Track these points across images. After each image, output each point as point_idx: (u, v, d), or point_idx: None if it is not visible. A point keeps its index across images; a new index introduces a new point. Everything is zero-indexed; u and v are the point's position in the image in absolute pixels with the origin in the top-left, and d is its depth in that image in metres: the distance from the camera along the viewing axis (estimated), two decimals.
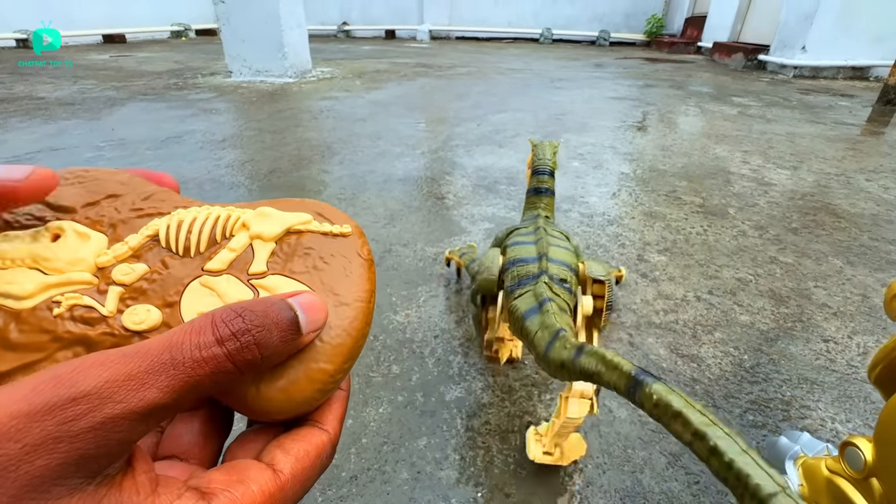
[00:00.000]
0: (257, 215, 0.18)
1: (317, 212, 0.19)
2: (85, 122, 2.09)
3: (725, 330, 0.78)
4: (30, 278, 0.15)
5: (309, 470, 0.14)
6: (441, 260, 0.98)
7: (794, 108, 2.70)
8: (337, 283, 0.17)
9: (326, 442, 0.15)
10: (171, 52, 5.09)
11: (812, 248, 1.06)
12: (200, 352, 0.11)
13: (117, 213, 0.17)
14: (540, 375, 0.67)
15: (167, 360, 0.11)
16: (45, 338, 0.14)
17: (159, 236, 0.17)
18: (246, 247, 0.17)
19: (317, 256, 0.17)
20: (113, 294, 0.15)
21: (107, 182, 0.18)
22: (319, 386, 0.15)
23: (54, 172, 0.16)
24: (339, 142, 1.83)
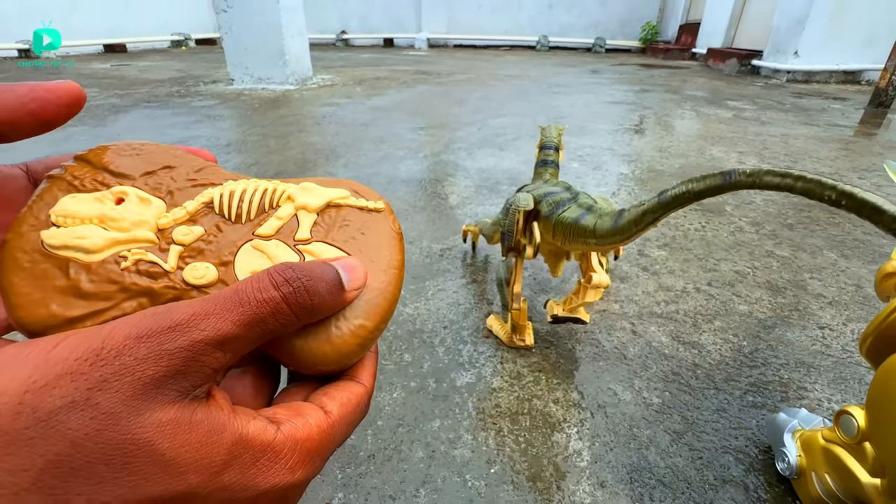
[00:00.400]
0: (301, 189, 0.20)
1: (353, 189, 0.21)
2: (91, 129, 2.12)
3: (725, 319, 0.81)
4: (99, 234, 0.16)
5: (351, 414, 0.16)
6: (448, 255, 1.01)
7: (787, 110, 2.75)
8: (373, 252, 0.18)
9: (363, 392, 0.17)
10: (172, 61, 5.14)
11: (807, 242, 1.09)
12: (261, 293, 0.14)
13: (173, 182, 0.19)
14: (547, 362, 0.70)
15: (235, 301, 0.13)
16: (113, 288, 0.16)
17: (213, 203, 0.18)
18: (291, 216, 0.19)
19: (355, 228, 0.19)
20: (174, 252, 0.17)
21: (162, 154, 0.20)
22: (360, 340, 0.16)
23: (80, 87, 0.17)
24: (342, 145, 1.87)
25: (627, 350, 0.73)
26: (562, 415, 0.61)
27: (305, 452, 0.14)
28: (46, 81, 0.16)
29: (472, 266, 0.97)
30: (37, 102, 0.16)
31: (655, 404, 0.62)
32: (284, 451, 0.13)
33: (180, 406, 0.12)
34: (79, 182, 0.18)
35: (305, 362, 0.16)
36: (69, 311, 0.15)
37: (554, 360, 0.70)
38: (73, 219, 0.16)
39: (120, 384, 0.11)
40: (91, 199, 0.17)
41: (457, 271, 0.95)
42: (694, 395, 0.64)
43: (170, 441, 0.12)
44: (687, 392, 0.64)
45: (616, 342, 0.74)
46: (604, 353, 0.72)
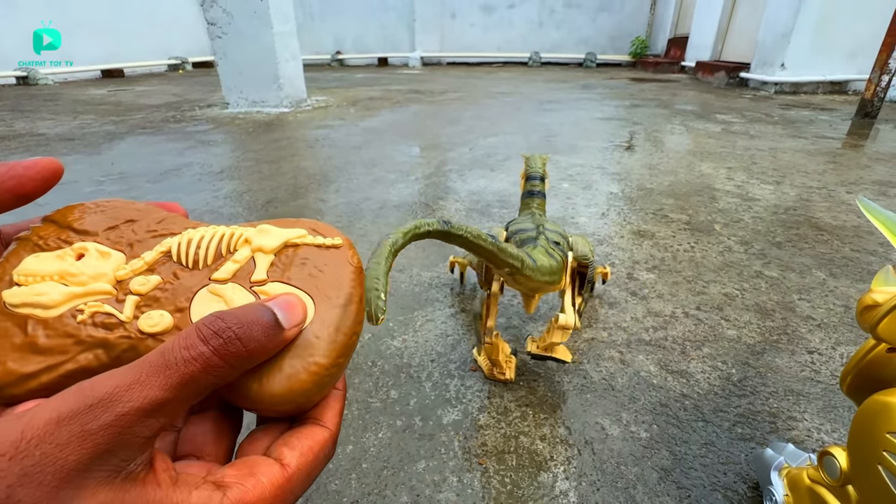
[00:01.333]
0: (258, 232, 0.20)
1: (311, 228, 0.21)
2: (85, 157, 2.14)
3: (713, 345, 0.80)
4: (57, 290, 0.17)
5: (313, 463, 0.16)
6: (437, 284, 1.01)
7: (776, 123, 2.79)
8: (330, 288, 0.19)
9: (328, 437, 0.17)
10: (169, 85, 5.21)
11: (796, 261, 1.09)
12: (188, 351, 0.13)
13: (134, 235, 0.20)
14: (535, 395, 0.69)
15: (161, 363, 0.13)
16: (69, 342, 0.16)
17: (171, 252, 0.19)
18: (248, 259, 0.19)
19: (312, 265, 0.19)
20: (130, 302, 0.17)
21: (125, 209, 0.21)
22: (316, 379, 0.16)
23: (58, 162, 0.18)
24: (334, 170, 1.88)
25: (615, 381, 0.72)
26: (548, 452, 0.60)
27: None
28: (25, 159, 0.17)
29: (460, 295, 0.97)
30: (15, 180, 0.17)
31: (643, 439, 0.62)
32: None
33: (111, 488, 0.12)
34: (43, 241, 0.19)
35: (261, 405, 0.16)
36: (25, 367, 0.15)
37: (541, 394, 0.70)
38: (34, 276, 0.17)
39: (42, 476, 0.11)
40: (53, 257, 0.18)
41: (445, 300, 0.95)
42: (682, 428, 0.63)
43: None
44: (675, 425, 0.64)
45: (604, 372, 0.74)
46: (591, 385, 0.71)
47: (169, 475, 0.13)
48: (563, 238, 0.63)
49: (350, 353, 0.18)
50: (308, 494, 0.55)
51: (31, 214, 0.21)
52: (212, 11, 3.17)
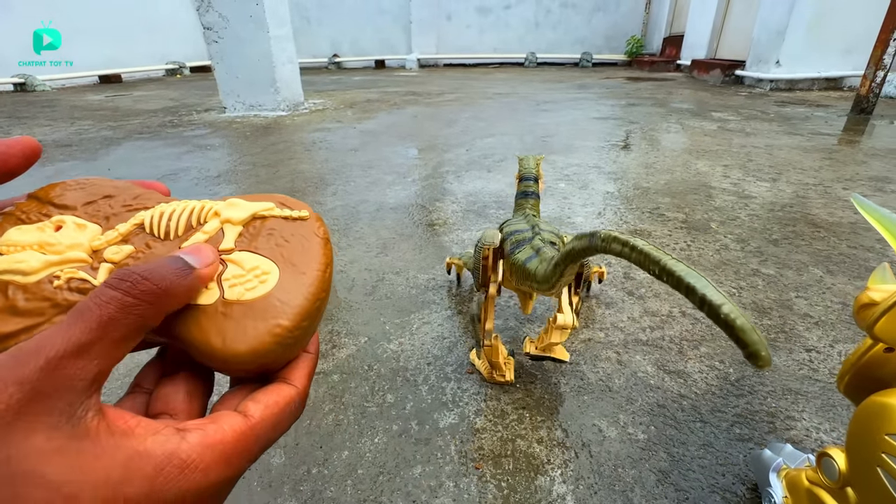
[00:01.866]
0: (227, 205, 0.21)
1: (279, 201, 0.22)
2: (82, 164, 2.13)
3: (710, 344, 0.80)
4: (36, 258, 0.18)
5: (278, 416, 0.17)
6: (433, 286, 1.00)
7: (771, 120, 2.79)
8: (296, 257, 0.20)
9: (294, 394, 0.18)
10: (167, 90, 5.21)
11: (793, 258, 1.09)
12: (100, 298, 0.14)
13: (111, 209, 0.21)
14: (531, 397, 0.69)
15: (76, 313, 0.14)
16: (45, 304, 0.17)
17: (144, 224, 0.20)
18: (217, 230, 0.20)
19: (279, 236, 0.20)
20: (104, 269, 0.18)
21: (103, 186, 0.22)
22: (279, 340, 0.17)
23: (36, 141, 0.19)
24: (331, 173, 1.88)
25: (612, 382, 0.72)
26: (545, 455, 0.60)
27: (220, 454, 0.14)
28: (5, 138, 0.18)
29: (457, 297, 0.97)
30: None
31: (641, 440, 0.61)
32: (193, 457, 0.14)
33: (62, 432, 0.12)
34: (25, 215, 0.20)
35: (226, 364, 0.17)
36: (4, 327, 0.16)
37: (538, 396, 0.69)
38: (16, 246, 0.18)
39: None
40: (34, 229, 0.19)
41: (442, 302, 0.95)
42: (680, 429, 0.63)
43: (56, 466, 0.12)
44: (673, 426, 0.63)
45: (601, 373, 0.74)
46: (588, 386, 0.71)
47: (125, 423, 0.14)
48: (558, 238, 0.63)
49: (315, 318, 0.19)
50: (304, 501, 0.55)
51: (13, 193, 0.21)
52: (208, 16, 3.17)
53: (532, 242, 0.59)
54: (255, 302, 0.18)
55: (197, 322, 0.17)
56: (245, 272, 0.19)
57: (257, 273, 0.19)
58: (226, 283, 0.18)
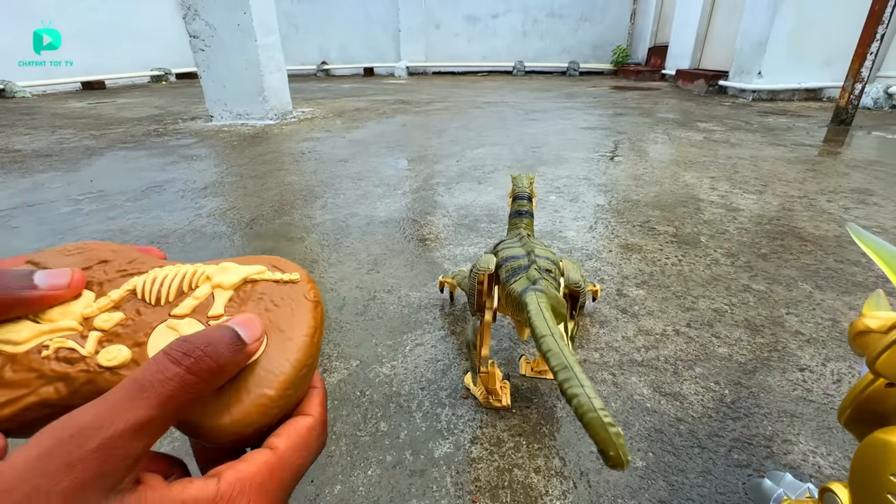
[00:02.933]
0: (219, 269, 0.21)
1: (271, 264, 0.22)
2: (62, 175, 2.08)
3: (705, 364, 0.80)
4: (26, 327, 0.18)
5: (303, 444, 0.17)
6: (426, 304, 0.99)
7: (755, 130, 2.85)
8: (284, 322, 0.20)
9: (312, 422, 0.18)
10: (152, 97, 5.13)
11: (782, 273, 1.10)
12: (163, 374, 0.14)
13: (105, 275, 0.21)
14: (528, 424, 0.68)
15: (137, 388, 0.13)
16: (32, 375, 0.17)
17: (137, 290, 0.20)
18: (208, 295, 0.20)
19: (268, 300, 0.20)
20: (92, 338, 0.18)
21: (100, 251, 0.22)
22: (264, 409, 0.17)
23: (83, 272, 0.20)
24: (320, 185, 1.86)
25: (609, 406, 0.71)
26: (543, 486, 0.58)
27: (258, 486, 0.15)
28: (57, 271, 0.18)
29: (450, 316, 0.95)
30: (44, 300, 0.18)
31: (639, 468, 0.60)
32: (233, 494, 0.14)
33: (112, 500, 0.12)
34: None
35: (207, 436, 0.17)
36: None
37: (535, 422, 0.68)
38: None
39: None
40: None
41: (435, 322, 0.93)
42: (678, 455, 0.62)
43: None
44: (671, 452, 0.63)
45: None
46: None
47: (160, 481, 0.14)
48: (554, 265, 0.61)
49: (302, 385, 0.19)
50: None
51: None
52: (194, 24, 3.13)
53: (528, 272, 0.57)
54: (241, 372, 0.18)
55: None
56: None
57: None
58: None
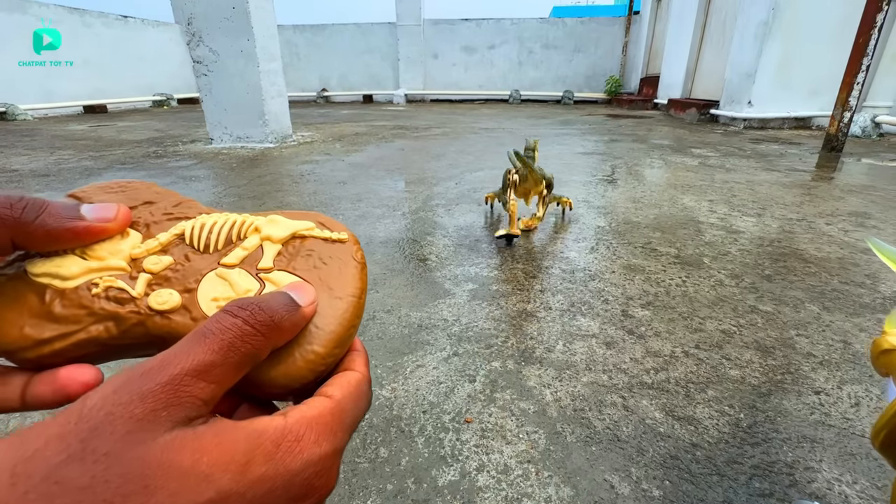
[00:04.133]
0: (268, 221, 0.21)
1: (319, 221, 0.22)
2: (59, 195, 2.04)
3: (717, 387, 0.77)
4: (76, 263, 0.17)
5: (355, 394, 0.17)
6: (427, 325, 0.96)
7: (749, 157, 2.90)
8: (332, 280, 0.19)
9: (361, 377, 0.18)
10: (152, 121, 5.19)
11: (788, 294, 1.09)
12: (222, 322, 0.15)
13: (151, 217, 0.20)
14: (536, 450, 0.64)
15: (200, 335, 0.14)
16: (82, 312, 0.17)
17: (185, 235, 0.20)
18: (257, 247, 0.20)
19: (317, 257, 0.20)
20: (142, 280, 0.18)
21: (144, 191, 0.21)
22: (311, 366, 0.17)
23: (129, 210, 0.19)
24: (320, 205, 1.85)
25: (620, 430, 0.68)
26: None
27: (324, 426, 0.15)
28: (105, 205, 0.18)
29: (454, 336, 0.92)
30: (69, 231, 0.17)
31: (656, 498, 0.57)
32: (302, 431, 0.14)
33: (182, 429, 0.13)
34: None
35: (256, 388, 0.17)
36: (40, 333, 0.16)
37: (543, 448, 0.65)
38: None
39: (112, 427, 0.12)
40: None
41: (437, 343, 0.90)
42: (696, 483, 0.59)
43: (182, 455, 0.12)
44: (689, 480, 0.59)
45: (608, 421, 0.70)
46: (596, 436, 0.67)
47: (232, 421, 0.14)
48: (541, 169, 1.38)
49: (347, 344, 0.19)
50: None
51: None
52: (198, 50, 3.20)
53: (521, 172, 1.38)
54: None
55: None
56: None
57: None
58: None
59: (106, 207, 0.18)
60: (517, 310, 1.03)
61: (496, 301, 1.06)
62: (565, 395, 0.75)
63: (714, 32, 5.13)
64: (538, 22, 8.02)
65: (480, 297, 1.08)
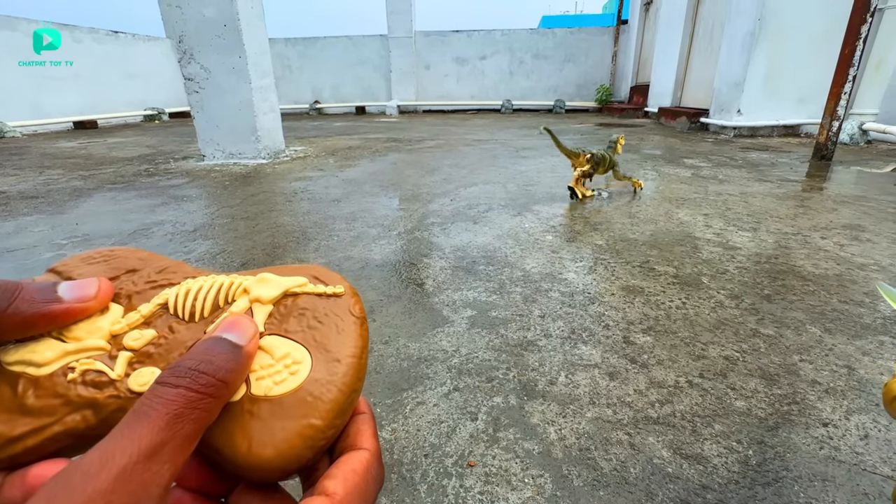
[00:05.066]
0: (257, 281, 0.20)
1: (312, 275, 0.20)
2: (47, 217, 2.03)
3: (724, 420, 0.76)
4: (50, 347, 0.16)
5: (361, 485, 0.15)
6: (426, 357, 0.94)
7: (740, 166, 2.92)
8: (329, 341, 0.18)
9: (368, 457, 0.16)
10: (144, 137, 5.15)
11: (789, 316, 1.08)
12: (162, 396, 0.13)
13: (133, 286, 0.19)
14: (542, 496, 0.62)
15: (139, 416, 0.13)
16: (57, 402, 0.16)
17: (168, 304, 0.18)
18: (246, 310, 0.19)
19: (311, 316, 0.19)
20: (122, 359, 0.17)
21: (127, 259, 0.20)
22: (310, 442, 0.15)
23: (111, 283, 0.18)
24: (314, 226, 1.83)
25: (628, 471, 0.66)
26: None
27: None
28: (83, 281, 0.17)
29: (454, 369, 0.90)
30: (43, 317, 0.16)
31: None
32: None
33: None
34: None
35: (248, 471, 0.15)
36: (12, 430, 0.15)
37: (550, 494, 0.63)
38: None
39: None
40: None
41: (436, 377, 0.88)
42: None
43: None
44: None
45: (614, 461, 0.68)
46: (603, 478, 0.65)
47: None
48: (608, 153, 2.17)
49: (349, 412, 0.17)
50: None
51: None
52: (189, 67, 3.18)
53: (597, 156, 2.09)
54: (285, 398, 0.16)
55: (219, 423, 0.15)
56: (275, 362, 0.17)
57: (287, 363, 0.17)
58: (252, 376, 0.17)
59: (85, 285, 0.17)
60: (517, 338, 1.01)
61: (495, 329, 1.05)
62: (570, 432, 0.74)
63: (702, 42, 5.21)
64: (528, 32, 8.11)
65: (479, 325, 1.07)
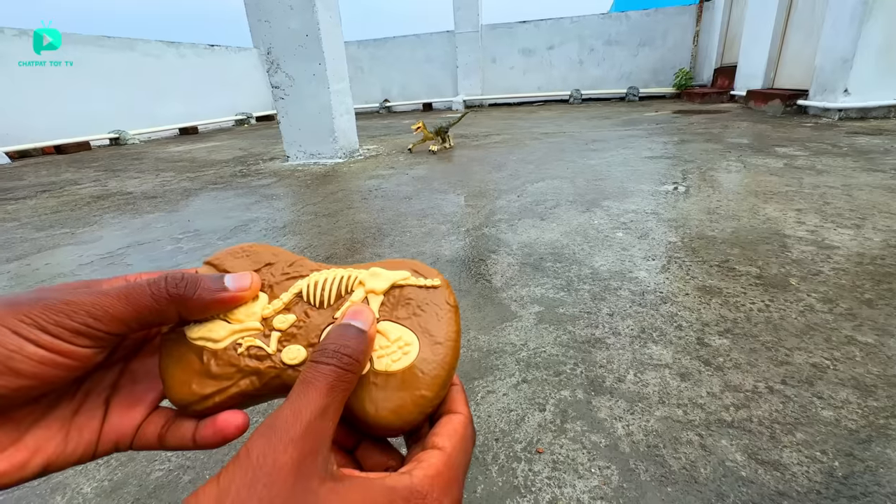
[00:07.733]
0: (370, 275, 0.24)
1: (413, 269, 0.24)
2: (165, 215, 2.36)
3: (807, 429, 0.73)
4: (222, 326, 0.21)
5: (462, 441, 0.20)
6: (496, 349, 1.00)
7: (845, 154, 2.61)
8: (431, 326, 0.22)
9: (464, 419, 0.21)
10: (236, 140, 5.71)
11: (893, 323, 0.99)
12: (319, 370, 0.18)
13: (272, 278, 0.24)
14: (609, 487, 0.66)
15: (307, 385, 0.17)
16: (232, 370, 0.20)
17: (302, 293, 0.23)
18: (363, 299, 0.23)
19: (415, 305, 0.23)
20: (274, 338, 0.21)
21: (263, 254, 0.25)
22: (421, 409, 0.20)
23: (258, 276, 0.23)
24: (388, 223, 1.95)
25: (698, 471, 0.67)
26: None
27: (443, 483, 0.18)
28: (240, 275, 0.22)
29: (523, 362, 0.95)
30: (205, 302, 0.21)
31: None
32: (425, 489, 0.17)
33: (326, 478, 0.16)
34: None
35: (374, 429, 0.20)
36: (203, 389, 0.20)
37: (616, 485, 0.66)
38: None
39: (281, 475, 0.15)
40: None
41: (506, 368, 0.94)
42: None
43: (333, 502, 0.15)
44: None
45: (684, 460, 0.69)
46: (671, 475, 0.67)
47: (358, 473, 0.18)
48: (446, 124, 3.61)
49: (448, 384, 0.21)
50: None
51: None
52: (276, 76, 3.49)
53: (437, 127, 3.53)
54: (401, 373, 0.21)
55: (353, 392, 0.20)
56: (390, 343, 0.21)
57: (401, 344, 0.21)
58: (374, 354, 0.21)
59: (242, 277, 0.22)
60: (585, 335, 1.03)
61: (563, 325, 1.08)
62: (638, 429, 0.76)
63: (801, 15, 4.65)
64: (599, 18, 7.74)
65: (547, 321, 1.10)
